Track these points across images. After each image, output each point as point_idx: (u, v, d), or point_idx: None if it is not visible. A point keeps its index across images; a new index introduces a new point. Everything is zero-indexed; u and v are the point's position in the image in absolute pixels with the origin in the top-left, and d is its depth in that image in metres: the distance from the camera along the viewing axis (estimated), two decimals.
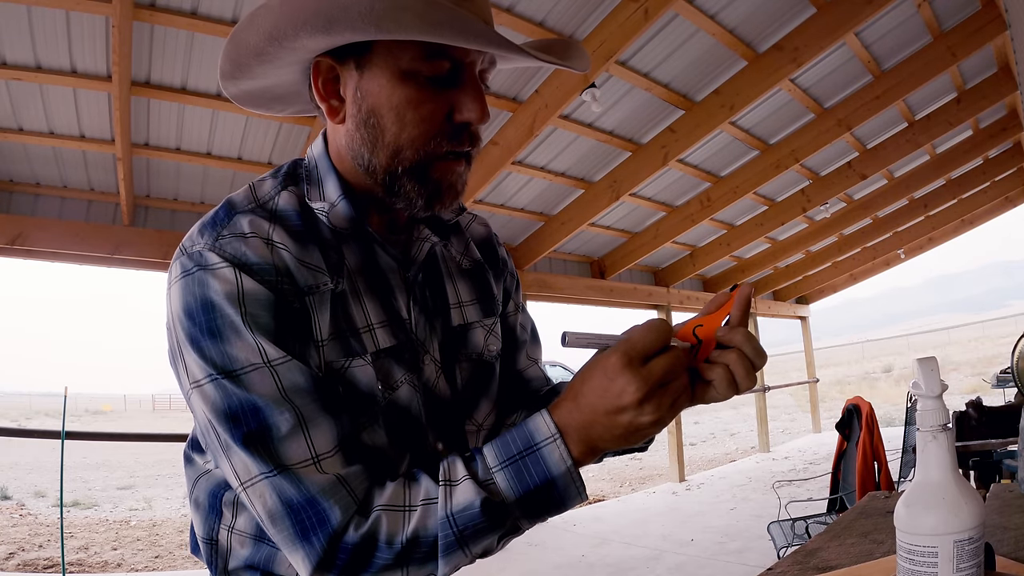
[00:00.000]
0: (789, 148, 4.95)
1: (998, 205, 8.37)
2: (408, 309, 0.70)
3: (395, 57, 0.61)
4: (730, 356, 0.58)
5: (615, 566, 4.15)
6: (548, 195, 5.03)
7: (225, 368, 0.57)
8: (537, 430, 0.58)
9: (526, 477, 0.57)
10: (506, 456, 0.58)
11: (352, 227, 0.68)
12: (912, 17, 3.89)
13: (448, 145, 0.64)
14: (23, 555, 5.51)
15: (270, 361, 0.58)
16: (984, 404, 3.60)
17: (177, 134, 3.50)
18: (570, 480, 0.58)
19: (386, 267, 0.70)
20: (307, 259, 0.63)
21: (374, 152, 0.64)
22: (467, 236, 0.84)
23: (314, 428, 0.58)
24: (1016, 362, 1.71)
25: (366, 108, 0.63)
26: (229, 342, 0.57)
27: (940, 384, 0.62)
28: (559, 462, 0.57)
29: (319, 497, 0.56)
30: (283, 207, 0.66)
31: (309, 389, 0.58)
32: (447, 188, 0.66)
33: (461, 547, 0.57)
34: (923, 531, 0.60)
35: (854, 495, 3.20)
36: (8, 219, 3.45)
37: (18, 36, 2.71)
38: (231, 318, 0.58)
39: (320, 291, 0.63)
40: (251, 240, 0.61)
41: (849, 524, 1.15)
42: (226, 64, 0.66)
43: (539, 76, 3.62)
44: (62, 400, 4.54)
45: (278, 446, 0.57)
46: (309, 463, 0.57)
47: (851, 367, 29.65)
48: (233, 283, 0.58)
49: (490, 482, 0.57)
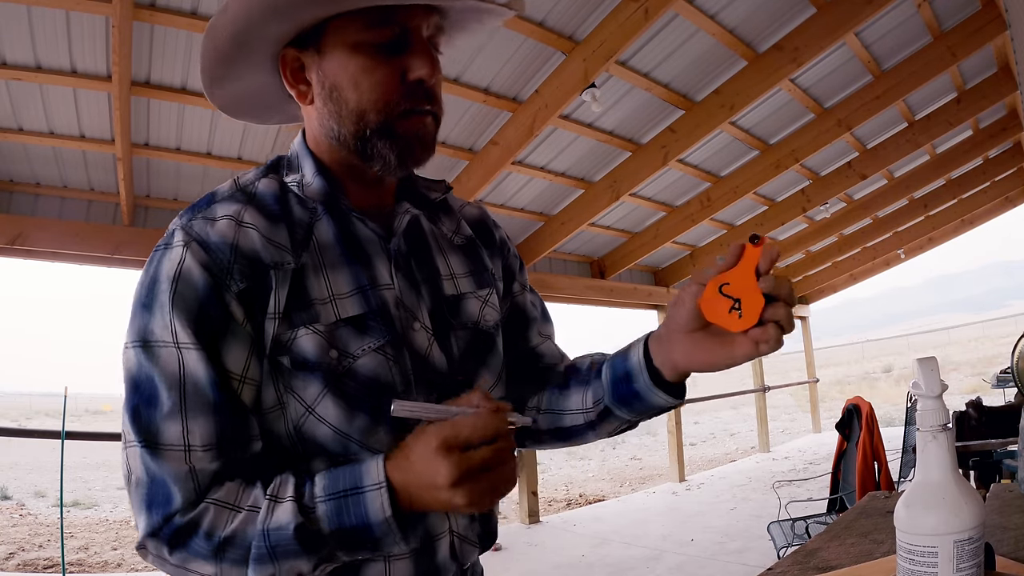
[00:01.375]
0: (789, 148, 4.95)
1: (998, 205, 8.36)
2: (391, 275, 0.71)
3: (344, 33, 0.66)
4: (779, 311, 0.60)
5: (615, 566, 4.15)
6: (548, 195, 5.03)
7: (144, 339, 0.62)
8: (367, 473, 0.59)
9: (344, 516, 0.59)
10: (332, 491, 0.59)
11: (327, 201, 0.71)
12: (912, 17, 3.89)
13: (406, 103, 0.68)
14: (23, 555, 5.51)
15: (179, 344, 0.61)
16: (984, 404, 3.60)
17: (177, 134, 3.50)
18: (388, 530, 0.59)
19: (364, 238, 0.72)
20: (274, 238, 0.67)
21: (341, 122, 0.69)
22: (459, 216, 0.86)
23: (193, 420, 0.60)
24: (1016, 362, 1.71)
25: (328, 85, 0.68)
26: (154, 316, 0.62)
27: (940, 384, 0.63)
28: (379, 511, 0.58)
29: (169, 480, 0.59)
30: (261, 191, 0.71)
31: (204, 382, 0.61)
32: (416, 141, 0.69)
33: (272, 561, 0.58)
34: (923, 531, 0.60)
35: (854, 495, 3.20)
36: (8, 219, 3.45)
37: (18, 36, 2.71)
38: (163, 296, 0.62)
39: (284, 268, 0.66)
40: (219, 221, 0.65)
41: (849, 524, 1.15)
42: (204, 74, 0.72)
43: (539, 76, 3.63)
44: (62, 400, 4.55)
45: (158, 423, 0.60)
46: (179, 449, 0.60)
47: (851, 367, 29.64)
48: (176, 263, 0.62)
49: (311, 510, 0.59)
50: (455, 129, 3.97)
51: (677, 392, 0.73)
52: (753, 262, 0.61)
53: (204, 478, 0.60)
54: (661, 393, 0.72)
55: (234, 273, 0.63)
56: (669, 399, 0.73)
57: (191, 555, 0.59)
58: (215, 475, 0.61)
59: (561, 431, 0.83)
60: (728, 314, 0.62)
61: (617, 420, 0.78)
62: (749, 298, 0.61)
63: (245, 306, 0.63)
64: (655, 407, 0.74)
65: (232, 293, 0.63)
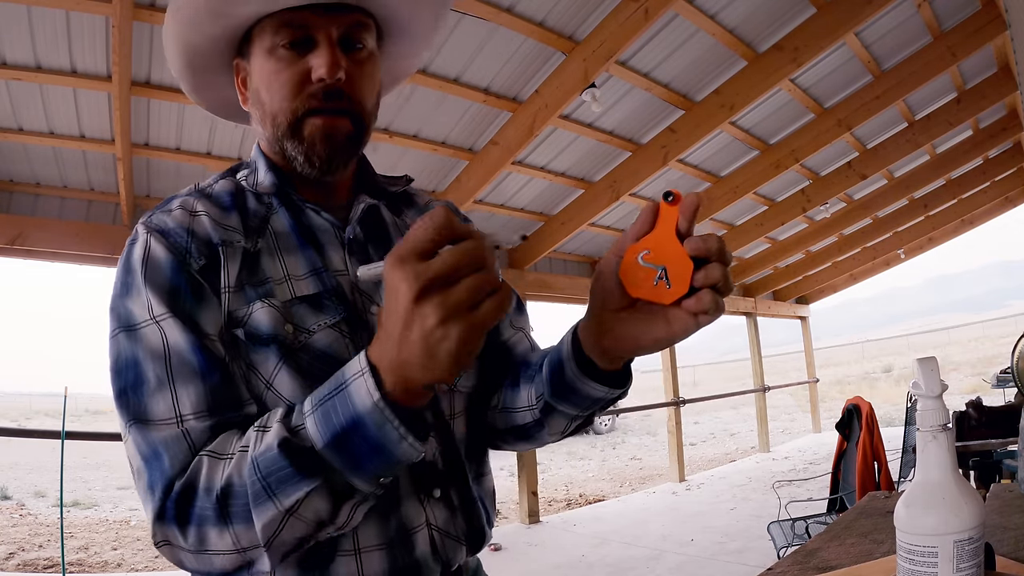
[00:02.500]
0: (789, 148, 4.95)
1: (998, 205, 8.37)
2: (344, 262, 0.72)
3: (261, 39, 0.69)
4: (713, 273, 0.52)
5: (615, 566, 4.15)
6: (548, 195, 5.03)
7: (126, 323, 0.63)
8: (348, 368, 0.53)
9: (332, 419, 0.52)
10: (320, 398, 0.54)
11: (280, 195, 0.73)
12: (912, 17, 3.90)
13: (309, 103, 0.69)
14: (23, 555, 5.51)
15: (156, 316, 0.62)
16: (984, 404, 3.60)
17: (177, 134, 3.50)
18: (382, 418, 0.51)
19: (318, 227, 0.73)
20: (225, 222, 0.69)
21: (263, 124, 0.72)
22: (423, 208, 0.86)
23: (181, 387, 0.60)
24: (1016, 362, 1.71)
25: (253, 88, 0.72)
26: (132, 300, 0.63)
27: (940, 384, 0.62)
28: (365, 397, 0.51)
29: (163, 451, 0.58)
30: (217, 190, 0.74)
31: (187, 348, 0.61)
32: (321, 140, 0.69)
33: (270, 496, 0.53)
34: (923, 531, 0.60)
35: (854, 495, 3.20)
36: (8, 219, 3.45)
37: (18, 36, 2.71)
38: (136, 279, 0.64)
39: (233, 247, 0.67)
40: (175, 212, 0.68)
41: (849, 524, 1.15)
42: (181, 84, 0.77)
43: (539, 76, 3.63)
44: (62, 400, 4.55)
45: (144, 400, 0.60)
46: (171, 421, 0.59)
47: (851, 367, 29.63)
48: (145, 248, 0.65)
49: (300, 427, 0.54)
50: (455, 129, 3.97)
51: (615, 381, 0.65)
52: (672, 223, 0.54)
53: (198, 438, 0.58)
54: (593, 383, 0.65)
55: (192, 251, 0.65)
56: (605, 389, 0.65)
57: (202, 526, 0.55)
58: (210, 430, 0.59)
59: (517, 430, 0.78)
60: (654, 286, 0.54)
61: (563, 416, 0.72)
62: (675, 264, 0.53)
63: (208, 281, 0.65)
64: (591, 399, 0.67)
65: (194, 270, 0.65)
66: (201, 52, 0.73)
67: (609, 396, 0.67)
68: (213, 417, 0.60)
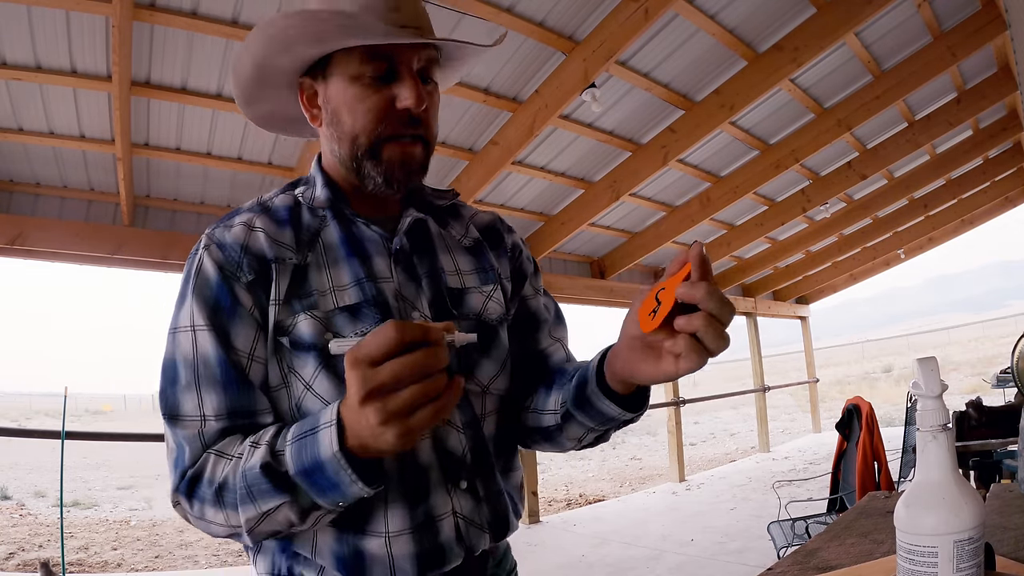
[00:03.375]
0: (789, 148, 4.95)
1: (998, 205, 8.36)
2: (390, 270, 0.79)
3: (345, 65, 0.75)
4: (696, 321, 0.56)
5: (615, 566, 4.15)
6: (548, 195, 5.03)
7: (174, 327, 0.73)
8: (323, 415, 0.63)
9: (303, 456, 0.62)
10: (298, 433, 0.64)
11: (334, 209, 0.80)
12: (912, 17, 3.89)
13: (392, 129, 0.76)
14: (23, 555, 5.51)
15: (195, 326, 0.71)
16: (984, 404, 3.60)
17: (177, 134, 3.50)
18: (338, 466, 0.60)
19: (367, 238, 0.80)
20: (280, 239, 0.77)
21: (340, 143, 0.78)
22: (468, 221, 0.92)
23: (205, 392, 0.70)
24: (1016, 362, 1.71)
25: (330, 110, 0.78)
26: (181, 307, 0.74)
27: (940, 384, 0.62)
28: (327, 447, 0.60)
29: (185, 446, 0.70)
30: (276, 204, 0.81)
31: (216, 359, 0.71)
32: (399, 164, 0.77)
33: (251, 501, 0.64)
34: (923, 531, 0.60)
35: (854, 495, 3.20)
36: (8, 219, 3.45)
37: (18, 36, 2.71)
38: (187, 289, 0.73)
39: (285, 263, 0.75)
40: (234, 228, 0.76)
41: (849, 524, 1.15)
42: (236, 92, 0.83)
43: (539, 76, 3.63)
44: (62, 400, 4.55)
45: (176, 397, 0.71)
46: (195, 419, 0.70)
47: (851, 367, 29.64)
48: (199, 262, 0.74)
49: (281, 452, 0.64)
50: (455, 129, 3.98)
51: (629, 404, 0.72)
52: (687, 271, 0.58)
53: (210, 434, 0.70)
54: (607, 402, 0.72)
55: (243, 267, 0.73)
56: (618, 410, 0.72)
57: (203, 504, 0.68)
58: (221, 432, 0.70)
59: (542, 430, 0.84)
60: (647, 317, 0.60)
61: (579, 425, 0.78)
62: (666, 303, 0.58)
63: (253, 295, 0.73)
64: (605, 415, 0.74)
65: (242, 284, 0.73)
66: (278, 71, 0.79)
67: (621, 417, 0.74)
68: (228, 421, 0.70)
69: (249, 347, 0.72)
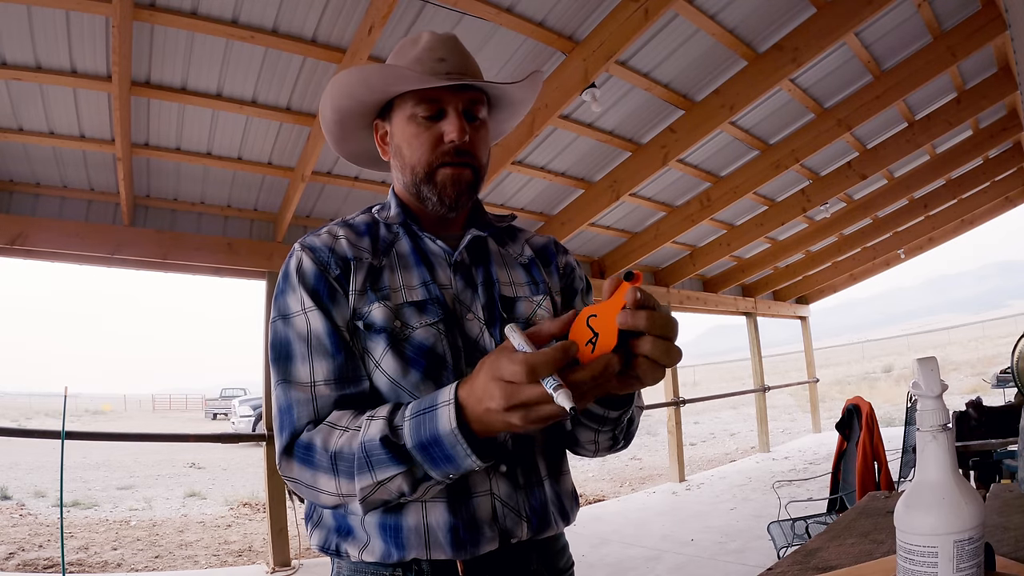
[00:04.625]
0: (789, 148, 4.95)
1: (998, 205, 8.36)
2: (450, 279, 0.91)
3: (403, 108, 0.91)
4: (644, 345, 0.63)
5: (615, 566, 4.14)
6: (548, 195, 5.03)
7: (283, 312, 0.87)
8: (440, 393, 0.71)
9: (422, 430, 0.70)
10: (417, 410, 0.72)
11: (403, 224, 0.94)
12: (912, 17, 3.89)
13: (442, 158, 0.90)
14: (23, 555, 5.50)
15: (305, 309, 0.85)
16: (984, 404, 3.60)
17: (177, 134, 3.51)
18: (455, 441, 0.69)
19: (432, 251, 0.93)
20: (359, 244, 0.91)
21: (403, 172, 0.93)
22: (524, 242, 1.04)
23: (317, 361, 0.83)
24: (1016, 362, 1.71)
25: (394, 144, 0.94)
26: (288, 297, 0.87)
27: (940, 384, 0.62)
28: (446, 423, 0.69)
29: (295, 406, 0.82)
30: (357, 221, 0.96)
31: (323, 334, 0.84)
32: (451, 185, 0.91)
33: (369, 470, 0.73)
34: (923, 531, 0.60)
35: (854, 495, 3.20)
36: (8, 219, 3.45)
37: (18, 36, 2.71)
38: (292, 281, 0.87)
39: (362, 261, 0.89)
40: (323, 236, 0.91)
41: (849, 524, 1.15)
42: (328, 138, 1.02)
43: None
44: (62, 400, 4.54)
45: (291, 367, 0.84)
46: (306, 384, 0.83)
47: (851, 367, 29.65)
48: (299, 260, 0.88)
49: (399, 427, 0.72)
50: None
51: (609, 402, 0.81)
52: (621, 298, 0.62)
53: (323, 404, 0.81)
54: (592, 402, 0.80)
55: (331, 265, 0.87)
56: (601, 409, 0.82)
57: (316, 471, 0.77)
58: (334, 403, 0.81)
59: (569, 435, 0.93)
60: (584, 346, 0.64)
61: (586, 428, 0.87)
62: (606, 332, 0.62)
63: (341, 286, 0.87)
64: (594, 414, 0.83)
65: (332, 276, 0.87)
66: (351, 114, 0.96)
67: (606, 415, 0.82)
68: (338, 388, 0.83)
69: (345, 324, 0.85)
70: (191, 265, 4.09)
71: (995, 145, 6.15)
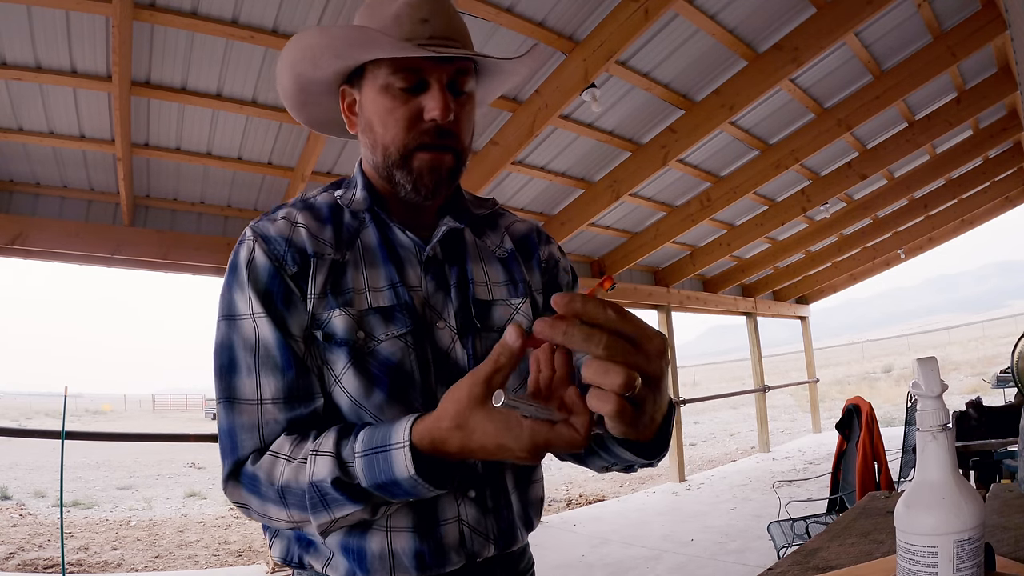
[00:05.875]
0: (789, 148, 4.95)
1: (998, 205, 8.36)
2: (420, 279, 0.80)
3: (375, 76, 0.77)
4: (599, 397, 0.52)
5: (615, 566, 4.15)
6: (548, 195, 5.03)
7: (229, 312, 0.75)
8: (394, 431, 0.64)
9: (375, 471, 0.64)
10: (368, 447, 0.65)
11: (370, 210, 0.82)
12: (912, 17, 3.89)
13: (421, 139, 0.77)
14: (23, 555, 5.51)
15: (254, 314, 0.73)
16: (984, 404, 3.60)
17: (177, 134, 3.50)
18: (415, 483, 0.63)
19: (402, 244, 0.82)
20: (320, 235, 0.79)
21: (374, 151, 0.80)
22: (504, 231, 0.92)
23: (264, 376, 0.73)
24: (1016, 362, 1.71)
25: (364, 118, 0.80)
26: (235, 295, 0.75)
27: (940, 384, 0.62)
28: (402, 469, 0.63)
29: (239, 431, 0.72)
30: (319, 202, 0.84)
31: (273, 345, 0.73)
32: (428, 173, 0.78)
33: (325, 509, 0.67)
34: (923, 531, 0.60)
35: (854, 495, 3.20)
36: (8, 219, 3.45)
37: (18, 36, 2.71)
38: (241, 277, 0.75)
39: (324, 258, 0.77)
40: (278, 222, 0.79)
41: (849, 524, 1.15)
42: (287, 103, 0.87)
43: (539, 76, 3.62)
44: (62, 400, 4.55)
45: (235, 381, 0.73)
46: (252, 402, 0.72)
47: (851, 367, 29.65)
48: (249, 253, 0.76)
49: (350, 464, 0.65)
50: None
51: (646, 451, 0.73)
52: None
53: (270, 431, 0.72)
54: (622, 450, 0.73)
55: (287, 260, 0.76)
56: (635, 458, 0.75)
57: (265, 502, 0.70)
58: (282, 427, 0.72)
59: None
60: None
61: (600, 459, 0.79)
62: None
63: (298, 287, 0.76)
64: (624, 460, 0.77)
65: (288, 275, 0.75)
66: (313, 80, 0.82)
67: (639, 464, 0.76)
68: (287, 409, 0.73)
69: (302, 333, 0.75)
70: (191, 265, 4.09)
71: (995, 145, 6.15)
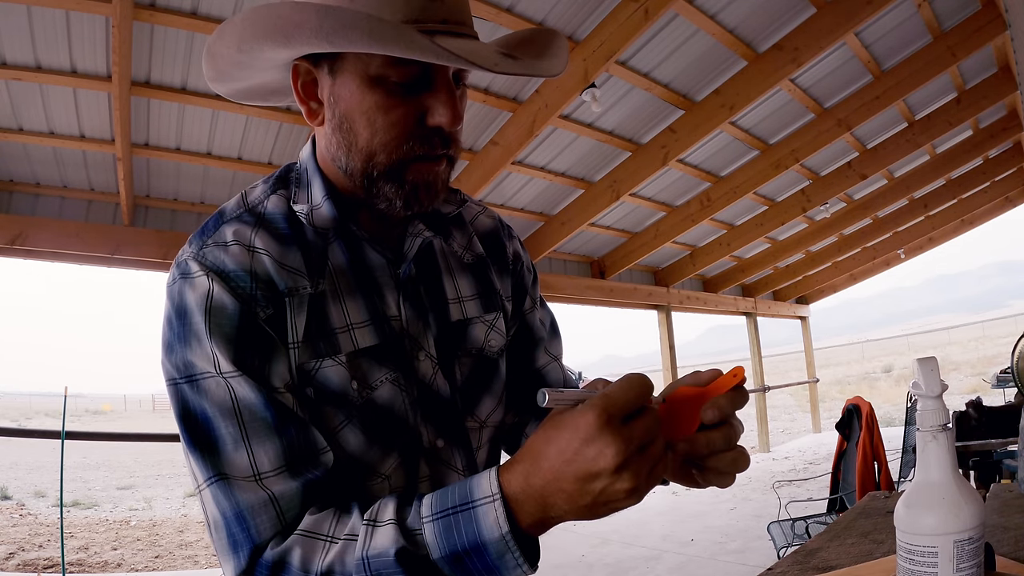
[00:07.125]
0: (789, 148, 4.95)
1: (998, 205, 8.37)
2: (398, 306, 0.69)
3: (364, 63, 0.61)
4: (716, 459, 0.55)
5: (615, 566, 4.15)
6: (548, 195, 5.03)
7: (187, 373, 0.59)
8: (476, 485, 0.53)
9: (455, 536, 0.52)
10: (440, 509, 0.53)
11: (337, 227, 0.68)
12: (912, 17, 3.89)
13: (420, 148, 0.63)
14: (23, 555, 5.51)
15: (222, 372, 0.58)
16: (984, 404, 3.60)
17: (177, 134, 3.50)
18: (505, 548, 0.51)
19: (374, 265, 0.69)
20: (287, 262, 0.64)
21: (350, 156, 0.65)
22: (471, 230, 0.81)
23: (257, 446, 0.58)
24: (1016, 362, 1.71)
25: (339, 113, 0.64)
26: (192, 349, 0.59)
27: (940, 384, 0.62)
28: (493, 526, 0.51)
29: (247, 514, 0.57)
30: (271, 211, 0.67)
31: (259, 405, 0.58)
32: (424, 188, 0.65)
33: None
34: (923, 531, 0.60)
35: (854, 495, 3.20)
36: (8, 219, 3.45)
37: (18, 36, 2.71)
38: (197, 326, 0.59)
39: (299, 294, 0.63)
40: (231, 248, 0.63)
41: (849, 524, 1.15)
42: (209, 71, 0.67)
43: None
44: (62, 400, 4.55)
45: (221, 457, 0.58)
46: (250, 478, 0.57)
47: (851, 367, 29.65)
48: (205, 293, 0.60)
49: (417, 532, 0.53)
50: None
51: None
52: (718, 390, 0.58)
53: (287, 505, 0.57)
54: None
55: (259, 299, 0.61)
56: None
57: None
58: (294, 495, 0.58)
59: None
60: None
61: None
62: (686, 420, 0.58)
63: (275, 331, 0.62)
64: None
65: (263, 319, 0.61)
66: (266, 56, 0.62)
67: None
68: (297, 475, 0.58)
69: (287, 383, 0.61)
70: None
71: (995, 145, 6.15)
